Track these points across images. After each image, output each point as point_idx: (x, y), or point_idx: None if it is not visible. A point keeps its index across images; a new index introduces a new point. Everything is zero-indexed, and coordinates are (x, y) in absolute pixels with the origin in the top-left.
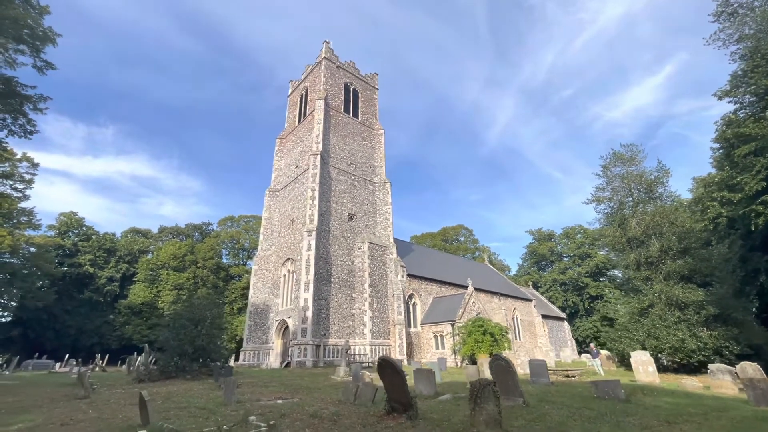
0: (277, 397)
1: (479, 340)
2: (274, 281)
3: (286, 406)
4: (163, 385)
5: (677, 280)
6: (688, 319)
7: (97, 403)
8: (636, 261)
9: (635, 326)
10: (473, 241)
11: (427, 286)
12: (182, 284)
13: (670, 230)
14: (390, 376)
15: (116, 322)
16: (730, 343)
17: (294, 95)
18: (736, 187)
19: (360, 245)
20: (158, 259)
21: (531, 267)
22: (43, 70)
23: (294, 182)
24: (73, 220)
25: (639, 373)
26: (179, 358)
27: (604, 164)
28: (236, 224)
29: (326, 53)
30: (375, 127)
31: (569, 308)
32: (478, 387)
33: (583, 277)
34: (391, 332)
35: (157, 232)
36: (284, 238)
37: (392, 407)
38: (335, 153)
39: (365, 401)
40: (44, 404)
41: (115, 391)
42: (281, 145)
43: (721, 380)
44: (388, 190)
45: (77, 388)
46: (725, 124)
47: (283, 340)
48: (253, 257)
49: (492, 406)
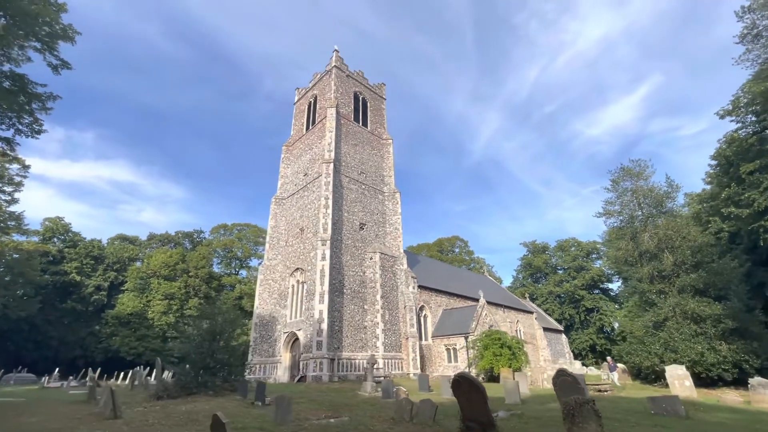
0: (326, 415)
1: (498, 353)
2: (281, 292)
3: (342, 426)
4: (187, 402)
5: (692, 293)
6: (705, 332)
7: (136, 424)
8: (649, 274)
9: (652, 339)
10: (468, 252)
11: (437, 298)
12: (173, 294)
13: (683, 244)
14: (467, 393)
15: (102, 333)
16: (750, 356)
17: (301, 103)
18: (742, 203)
19: (371, 255)
20: (148, 267)
21: (526, 279)
22: (58, 69)
23: (303, 190)
24: (58, 225)
25: (675, 387)
26: (202, 373)
27: (613, 178)
28: (229, 232)
29: (336, 62)
30: (384, 137)
31: (565, 320)
32: (574, 405)
33: (578, 290)
34: (403, 345)
35: (146, 240)
36: (292, 247)
37: (467, 426)
38: (346, 162)
39: (425, 420)
40: (77, 426)
41: (138, 409)
42: (288, 152)
43: (763, 394)
44: (398, 200)
45: (91, 405)
46: (727, 143)
47: (291, 353)
48: (246, 266)
49: (594, 425)
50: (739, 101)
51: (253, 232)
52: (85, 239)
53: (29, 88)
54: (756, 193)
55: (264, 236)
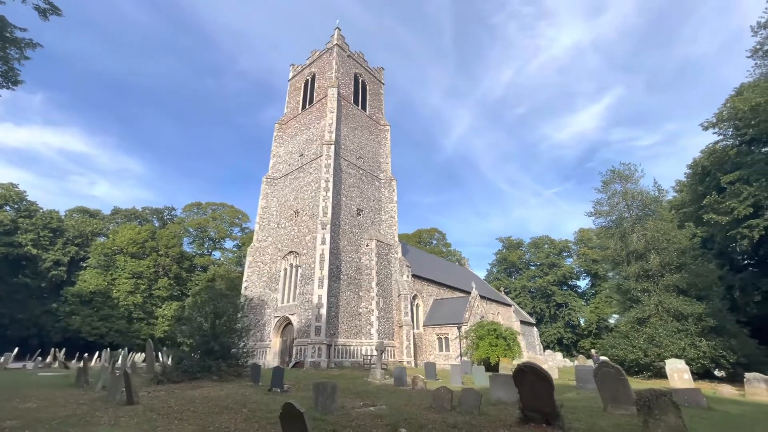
0: (364, 403)
1: (494, 344)
2: (271, 275)
3: (386, 414)
4: (194, 387)
5: (676, 292)
6: (687, 329)
7: (162, 411)
8: (636, 273)
9: (636, 334)
10: (446, 244)
11: (429, 288)
12: (142, 273)
13: (669, 246)
14: (532, 383)
15: (60, 311)
16: (727, 352)
17: (297, 80)
18: (721, 210)
19: (367, 242)
20: (114, 243)
21: (501, 273)
22: (47, 14)
23: (298, 171)
24: (12, 192)
25: (674, 380)
26: (206, 356)
27: (604, 180)
28: (203, 211)
29: (338, 40)
30: (381, 122)
31: (536, 314)
32: (650, 397)
33: (550, 286)
34: (395, 333)
35: (110, 214)
36: (285, 229)
37: (527, 416)
38: (345, 145)
39: (469, 409)
40: (92, 413)
41: (142, 394)
42: (281, 131)
43: (756, 387)
44: (394, 188)
45: (86, 389)
46: (709, 154)
47: (282, 338)
48: (220, 248)
49: (673, 417)
50: (722, 115)
51: (229, 213)
52: (42, 209)
53: (8, 31)
54: (736, 202)
55: (240, 217)
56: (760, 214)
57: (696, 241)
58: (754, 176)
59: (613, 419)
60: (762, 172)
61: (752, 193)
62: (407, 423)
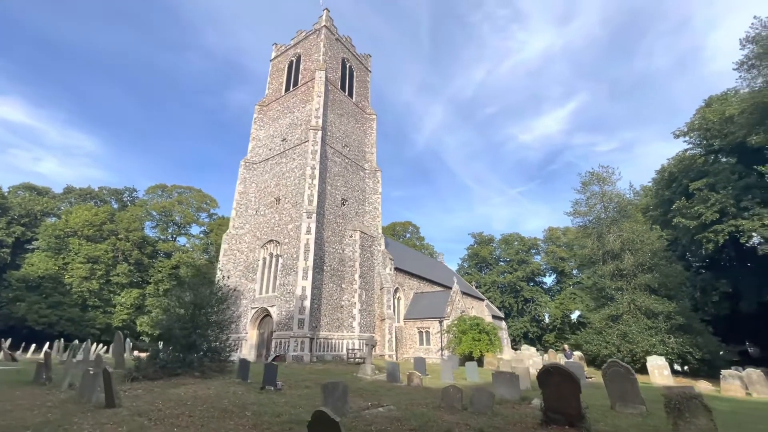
0: (372, 404)
1: (477, 338)
2: (248, 264)
3: (398, 416)
4: (176, 385)
5: (647, 291)
6: (657, 326)
7: (152, 416)
8: (611, 272)
9: (609, 331)
10: (420, 238)
11: (410, 281)
12: (98, 257)
13: (643, 247)
14: (557, 384)
15: (2, 297)
16: (694, 349)
17: (279, 60)
18: (689, 215)
19: (351, 233)
20: (68, 224)
21: (472, 268)
22: None
23: (280, 156)
24: None
25: (655, 376)
26: (186, 351)
27: (583, 181)
28: (168, 194)
29: (326, 21)
30: (368, 111)
31: (505, 309)
32: (679, 398)
33: (519, 281)
34: (377, 326)
35: (62, 193)
36: (265, 217)
37: (549, 418)
38: (331, 132)
39: (482, 409)
40: (68, 419)
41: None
42: (261, 113)
43: (731, 384)
44: (379, 179)
45: (49, 387)
46: (678, 161)
47: (259, 331)
48: (186, 234)
49: (704, 420)
50: (693, 125)
51: (197, 197)
52: None
53: None
54: (703, 208)
55: (208, 202)
56: (725, 219)
57: (664, 243)
58: (720, 184)
59: (630, 419)
60: (727, 180)
61: (719, 199)
62: (429, 427)
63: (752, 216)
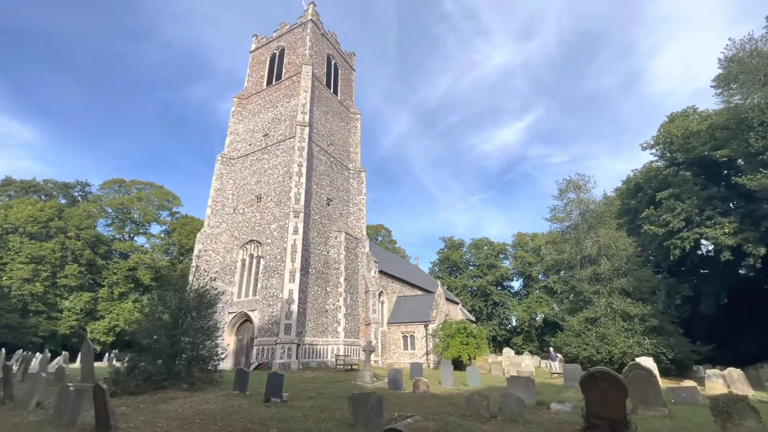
0: (399, 415)
1: (465, 342)
2: (225, 266)
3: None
4: (163, 400)
5: (623, 295)
6: (633, 328)
7: None
8: (588, 276)
9: (588, 333)
10: (392, 242)
11: (393, 285)
12: (44, 257)
13: (619, 252)
14: (602, 389)
15: None
16: (667, 350)
17: (261, 52)
18: (657, 223)
19: (336, 235)
20: (6, 220)
21: (443, 272)
22: None
23: (262, 152)
24: None
25: None
26: (172, 360)
27: (561, 188)
28: (126, 190)
29: (312, 15)
30: (352, 110)
31: (475, 312)
32: (727, 402)
33: (489, 285)
34: (362, 331)
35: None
36: (244, 216)
37: (592, 424)
38: (317, 129)
39: (513, 416)
40: None
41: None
42: (240, 106)
43: (715, 383)
44: (363, 180)
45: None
46: (645, 172)
47: (238, 337)
48: (145, 233)
49: (753, 422)
50: (659, 138)
51: (158, 194)
52: None
53: None
54: (671, 216)
55: (171, 200)
56: (690, 227)
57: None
58: (685, 194)
59: (661, 422)
60: (691, 191)
61: (684, 209)
62: None
63: (714, 225)
